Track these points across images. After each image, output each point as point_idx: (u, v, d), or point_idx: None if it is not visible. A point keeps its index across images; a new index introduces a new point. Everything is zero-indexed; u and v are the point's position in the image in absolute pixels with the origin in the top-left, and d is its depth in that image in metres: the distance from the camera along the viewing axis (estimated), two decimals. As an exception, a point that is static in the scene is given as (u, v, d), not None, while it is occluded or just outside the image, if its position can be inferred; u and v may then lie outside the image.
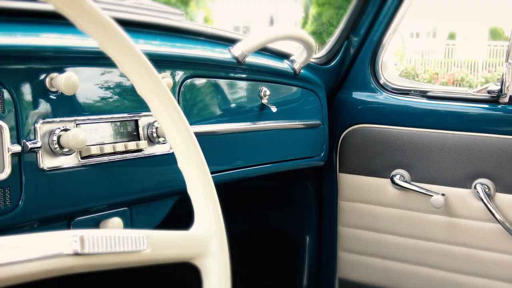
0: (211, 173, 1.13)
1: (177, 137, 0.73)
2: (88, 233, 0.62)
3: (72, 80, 0.85)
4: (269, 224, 1.77)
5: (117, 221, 0.99)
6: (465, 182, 1.45)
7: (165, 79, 1.03)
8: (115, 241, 0.63)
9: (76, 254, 0.60)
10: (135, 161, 1.00)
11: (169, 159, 1.05)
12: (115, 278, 1.45)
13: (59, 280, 0.67)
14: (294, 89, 1.42)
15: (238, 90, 1.23)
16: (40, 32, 0.90)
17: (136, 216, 1.04)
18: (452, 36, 19.64)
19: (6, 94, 0.80)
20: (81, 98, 0.91)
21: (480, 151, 1.43)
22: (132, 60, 0.70)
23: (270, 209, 1.75)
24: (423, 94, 1.53)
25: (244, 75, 1.24)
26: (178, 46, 1.12)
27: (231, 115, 1.21)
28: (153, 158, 1.02)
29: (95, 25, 0.65)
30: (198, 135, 1.03)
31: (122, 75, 0.97)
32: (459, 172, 1.46)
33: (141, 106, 1.00)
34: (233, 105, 1.22)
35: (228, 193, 1.07)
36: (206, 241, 0.71)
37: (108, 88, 0.95)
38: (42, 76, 0.85)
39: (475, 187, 1.44)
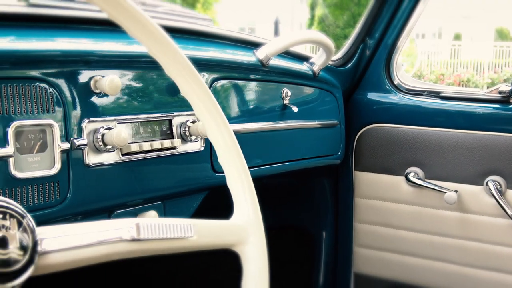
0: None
1: (218, 134, 0.80)
2: (142, 221, 0.68)
3: (115, 82, 0.91)
4: (286, 221, 1.83)
5: (153, 213, 1.05)
6: (477, 179, 1.51)
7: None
8: (166, 229, 0.70)
9: (134, 240, 0.66)
10: (169, 158, 1.06)
11: (200, 156, 1.12)
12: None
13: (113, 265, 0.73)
14: (313, 90, 1.48)
15: (261, 91, 1.29)
16: (82, 38, 0.97)
17: (169, 210, 1.10)
18: (457, 37, 19.67)
19: (56, 96, 0.87)
20: (121, 99, 0.97)
21: (492, 149, 1.49)
22: (177, 64, 0.76)
23: (287, 206, 1.81)
24: (436, 94, 1.58)
25: (267, 77, 1.30)
26: (207, 49, 1.19)
27: (254, 114, 1.27)
28: (185, 155, 1.09)
29: (145, 32, 0.72)
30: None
31: (157, 77, 1.04)
32: (472, 169, 1.52)
33: (174, 106, 1.06)
34: (256, 106, 1.28)
35: None
36: (245, 230, 0.77)
37: (144, 90, 1.02)
38: (87, 79, 0.91)
39: (487, 184, 1.49)
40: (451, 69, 16.00)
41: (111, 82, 0.91)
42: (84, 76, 0.91)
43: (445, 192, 1.51)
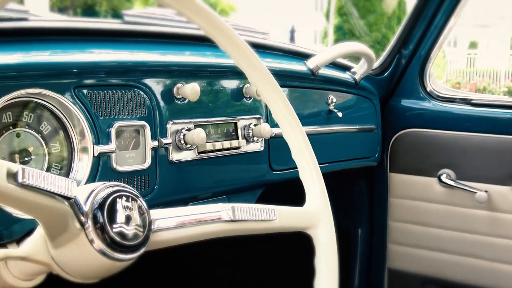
0: (284, 170, 1.33)
1: (292, 135, 0.92)
2: (236, 205, 0.81)
3: (196, 89, 1.05)
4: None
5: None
6: (505, 180, 1.63)
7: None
8: (254, 212, 0.82)
9: (231, 220, 0.80)
10: (234, 157, 1.19)
11: (260, 156, 1.25)
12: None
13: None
14: (354, 97, 1.61)
15: (310, 98, 1.43)
16: (167, 51, 1.11)
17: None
18: (473, 45, 19.69)
19: (147, 100, 1.01)
20: (197, 104, 1.11)
21: None
22: (259, 73, 0.89)
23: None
24: (467, 101, 1.71)
25: (316, 85, 1.43)
26: (266, 60, 1.32)
27: (305, 118, 1.40)
28: (248, 154, 1.22)
29: (234, 46, 0.85)
30: (277, 136, 1.24)
31: (225, 86, 1.17)
32: (500, 171, 1.63)
33: (239, 111, 1.20)
34: (306, 111, 1.41)
35: (293, 190, 1.25)
36: (316, 215, 0.90)
37: (215, 96, 1.15)
38: (171, 86, 1.05)
39: (515, 185, 1.61)
40: (467, 77, 16.04)
41: (192, 89, 1.04)
42: (168, 83, 1.05)
43: (476, 192, 1.63)
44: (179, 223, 0.77)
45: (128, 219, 0.70)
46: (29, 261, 0.73)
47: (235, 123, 1.19)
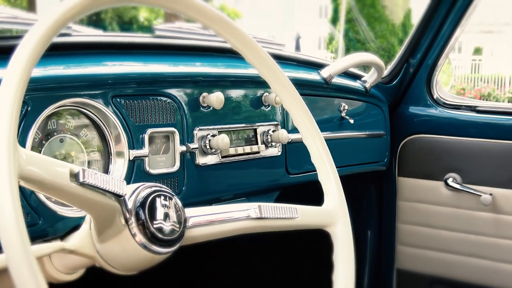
0: (300, 174, 1.41)
1: (311, 140, 1.00)
2: (262, 204, 0.89)
3: (221, 98, 1.13)
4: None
5: None
6: (509, 183, 1.70)
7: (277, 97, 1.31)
8: (279, 210, 0.90)
9: (258, 218, 0.88)
10: (254, 161, 1.27)
11: (277, 160, 1.33)
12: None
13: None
14: (364, 104, 1.69)
15: (324, 105, 1.51)
16: (194, 62, 1.20)
17: (252, 206, 1.32)
18: (478, 51, 19.74)
19: (176, 108, 1.09)
20: (221, 112, 1.19)
21: None
22: (281, 84, 0.97)
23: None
24: (472, 108, 1.79)
25: (329, 93, 1.52)
26: (284, 70, 1.40)
27: (318, 125, 1.47)
28: (266, 159, 1.30)
29: (259, 59, 0.93)
30: (293, 142, 1.32)
31: (245, 95, 1.25)
32: (504, 175, 1.71)
33: (259, 118, 1.28)
34: (320, 117, 1.49)
35: (305, 192, 1.33)
36: (335, 214, 0.98)
37: (237, 104, 1.24)
38: (197, 95, 1.14)
39: (518, 188, 1.69)
40: (471, 83, 16.08)
41: (217, 98, 1.13)
42: (195, 92, 1.13)
43: (481, 195, 1.70)
44: (211, 220, 0.86)
45: (166, 216, 0.78)
46: (77, 254, 0.81)
47: (255, 129, 1.27)
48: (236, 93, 1.23)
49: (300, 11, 26.69)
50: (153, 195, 0.78)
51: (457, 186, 1.76)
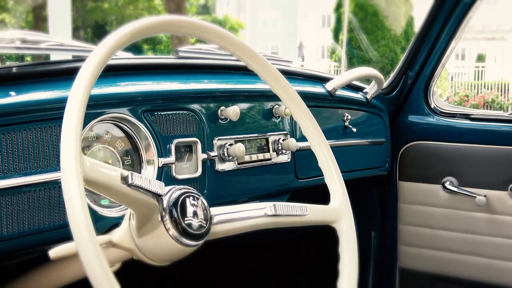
0: (308, 178, 1.54)
1: (318, 148, 1.14)
2: (276, 203, 1.02)
3: (237, 111, 1.27)
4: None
5: None
6: (502, 185, 1.83)
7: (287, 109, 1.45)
8: (291, 208, 1.03)
9: (273, 215, 1.01)
10: (266, 167, 1.41)
11: (287, 166, 1.47)
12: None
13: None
14: (366, 114, 1.83)
15: (328, 116, 1.65)
16: (209, 79, 1.34)
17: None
18: (481, 58, 19.85)
19: (197, 121, 1.23)
20: (236, 123, 1.33)
21: None
22: (291, 98, 1.11)
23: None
24: (466, 116, 1.92)
25: (333, 104, 1.65)
26: (292, 85, 1.55)
27: (324, 134, 1.61)
28: (277, 165, 1.44)
29: (271, 76, 1.07)
30: (302, 149, 1.45)
31: (258, 107, 1.39)
32: (497, 178, 1.84)
33: (270, 128, 1.42)
34: (325, 127, 1.63)
35: (313, 195, 1.46)
36: (340, 211, 1.11)
37: (250, 116, 1.38)
38: (216, 108, 1.28)
39: (510, 190, 1.81)
40: (475, 90, 16.17)
41: (234, 111, 1.27)
42: (213, 106, 1.27)
43: (476, 197, 1.83)
44: (232, 218, 0.99)
45: (194, 214, 0.91)
46: (119, 247, 0.95)
47: (267, 138, 1.41)
48: (249, 106, 1.37)
49: (303, 21, 26.89)
50: (183, 196, 0.91)
51: (454, 188, 1.89)
